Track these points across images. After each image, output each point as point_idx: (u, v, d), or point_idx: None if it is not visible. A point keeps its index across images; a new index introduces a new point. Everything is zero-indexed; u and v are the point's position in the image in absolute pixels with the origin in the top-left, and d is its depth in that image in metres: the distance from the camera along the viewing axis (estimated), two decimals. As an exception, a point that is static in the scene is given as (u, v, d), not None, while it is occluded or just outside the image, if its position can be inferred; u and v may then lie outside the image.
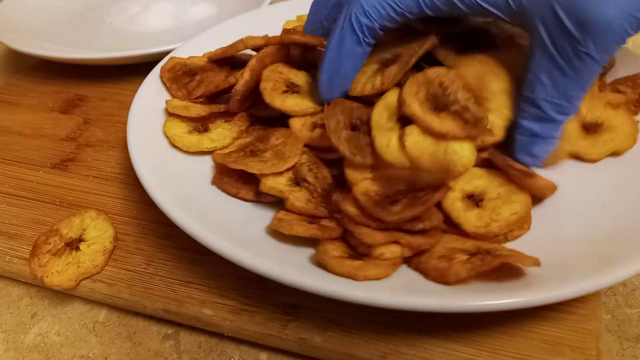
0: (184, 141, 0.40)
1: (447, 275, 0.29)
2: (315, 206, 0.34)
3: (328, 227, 0.32)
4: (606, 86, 0.44)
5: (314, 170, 0.36)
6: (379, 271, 0.29)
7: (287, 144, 0.37)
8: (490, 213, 0.32)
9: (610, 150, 0.39)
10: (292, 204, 0.33)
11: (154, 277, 0.35)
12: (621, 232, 0.32)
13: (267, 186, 0.34)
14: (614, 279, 0.28)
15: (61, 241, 0.37)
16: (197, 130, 0.41)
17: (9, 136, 0.50)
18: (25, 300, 0.37)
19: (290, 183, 0.35)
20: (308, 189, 0.35)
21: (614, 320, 0.34)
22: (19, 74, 0.60)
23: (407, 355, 0.30)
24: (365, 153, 0.33)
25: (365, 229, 0.30)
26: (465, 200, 0.33)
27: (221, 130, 0.41)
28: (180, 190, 0.36)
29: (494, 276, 0.29)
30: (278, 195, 0.34)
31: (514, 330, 0.31)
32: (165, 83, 0.46)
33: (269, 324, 0.32)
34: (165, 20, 0.68)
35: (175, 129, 0.41)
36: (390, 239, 0.30)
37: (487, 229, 0.32)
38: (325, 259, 0.30)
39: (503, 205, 0.33)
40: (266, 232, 0.34)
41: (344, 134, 0.34)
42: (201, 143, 0.40)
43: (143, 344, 0.34)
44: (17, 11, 0.67)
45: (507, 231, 0.32)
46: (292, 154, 0.36)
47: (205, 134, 0.41)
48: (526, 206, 0.33)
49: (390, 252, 0.30)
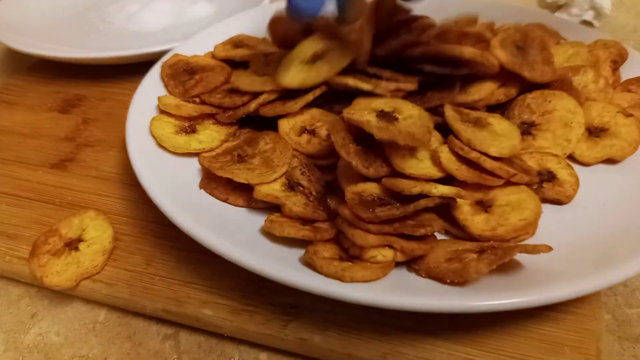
0: (171, 142, 0.39)
1: (467, 274, 0.28)
2: (313, 210, 0.34)
3: (320, 229, 0.32)
4: (619, 83, 0.44)
5: (307, 173, 0.36)
6: (366, 273, 0.29)
7: (275, 150, 0.37)
8: (499, 218, 0.33)
9: (606, 156, 0.39)
10: (290, 210, 0.33)
11: (153, 277, 0.35)
12: (621, 232, 0.32)
13: (262, 193, 0.34)
14: (614, 279, 0.28)
15: (61, 241, 0.37)
16: (185, 131, 0.41)
17: (8, 136, 0.50)
18: (25, 300, 0.37)
19: (285, 188, 0.35)
20: (303, 193, 0.35)
21: (614, 320, 0.34)
22: (19, 74, 0.60)
23: (407, 355, 0.30)
24: (377, 165, 0.33)
25: (357, 231, 0.30)
26: (474, 205, 0.34)
27: (209, 132, 0.41)
28: (180, 190, 0.36)
29: (494, 276, 0.29)
30: (274, 201, 0.34)
31: (514, 330, 0.31)
32: (164, 79, 0.46)
33: (268, 324, 0.32)
34: (164, 19, 0.68)
35: (163, 129, 0.40)
36: (384, 243, 0.30)
37: (493, 232, 0.32)
38: (313, 258, 0.30)
39: (512, 211, 0.33)
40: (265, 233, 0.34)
41: (352, 149, 0.34)
42: (189, 144, 0.39)
43: (143, 344, 0.34)
44: (17, 11, 0.67)
45: (515, 236, 0.32)
46: (280, 163, 0.36)
47: (193, 135, 0.40)
48: (535, 213, 0.33)
49: (382, 255, 0.30)
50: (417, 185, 0.31)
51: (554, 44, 0.48)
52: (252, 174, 0.35)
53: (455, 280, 0.29)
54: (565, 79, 0.40)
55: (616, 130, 0.39)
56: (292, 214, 0.33)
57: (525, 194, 0.34)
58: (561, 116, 0.39)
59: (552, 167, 0.37)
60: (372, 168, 0.33)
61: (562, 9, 0.69)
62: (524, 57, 0.40)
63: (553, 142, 0.38)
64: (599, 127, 0.39)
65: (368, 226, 0.30)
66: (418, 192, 0.31)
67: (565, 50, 0.46)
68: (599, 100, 0.41)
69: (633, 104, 0.42)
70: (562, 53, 0.46)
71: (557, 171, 0.36)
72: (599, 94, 0.42)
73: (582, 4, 0.67)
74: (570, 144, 0.38)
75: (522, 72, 0.39)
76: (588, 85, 0.42)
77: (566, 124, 0.38)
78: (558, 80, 0.40)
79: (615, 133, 0.39)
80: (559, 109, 0.39)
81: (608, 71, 0.44)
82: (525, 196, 0.34)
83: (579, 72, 0.42)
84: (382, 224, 0.30)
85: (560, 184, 0.36)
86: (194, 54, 0.50)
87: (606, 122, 0.40)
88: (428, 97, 0.39)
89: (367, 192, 0.32)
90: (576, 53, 0.45)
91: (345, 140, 0.34)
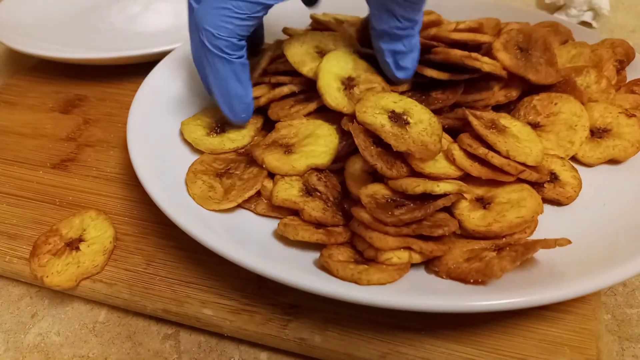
0: (206, 144, 0.40)
1: (491, 272, 0.28)
2: (332, 215, 0.34)
3: (334, 232, 0.32)
4: (624, 84, 0.44)
5: (323, 179, 0.36)
6: (382, 276, 0.29)
7: (246, 182, 0.36)
8: (496, 215, 0.33)
9: (609, 157, 0.39)
10: (309, 214, 0.33)
11: (154, 277, 0.35)
12: (621, 232, 0.32)
13: (280, 199, 0.34)
14: (614, 279, 0.28)
15: (61, 241, 0.37)
16: (215, 131, 0.41)
17: (9, 136, 0.50)
18: (25, 300, 0.37)
19: (302, 193, 0.35)
20: (321, 198, 0.35)
21: (614, 320, 0.34)
22: (19, 74, 0.60)
23: (407, 355, 0.30)
24: (398, 166, 0.34)
25: (375, 233, 0.30)
26: (472, 201, 0.34)
27: (238, 130, 0.41)
28: (180, 190, 0.36)
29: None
30: (292, 207, 0.34)
31: (514, 330, 0.31)
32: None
33: (268, 324, 0.32)
34: (165, 20, 0.68)
35: (195, 132, 0.41)
36: (403, 245, 0.30)
37: (488, 228, 0.32)
38: (328, 262, 0.30)
39: (511, 209, 0.33)
40: (270, 234, 0.34)
41: (374, 151, 0.34)
42: (223, 144, 0.40)
43: (143, 344, 0.34)
44: (17, 11, 0.67)
45: (509, 233, 0.32)
46: (232, 198, 0.35)
47: (224, 135, 0.41)
48: (533, 212, 0.33)
49: (397, 257, 0.30)
50: (420, 184, 0.31)
51: (560, 43, 0.47)
52: (203, 192, 0.36)
53: (478, 279, 0.29)
54: (569, 80, 0.41)
55: (619, 130, 0.39)
56: (311, 218, 0.33)
57: (527, 193, 0.34)
58: (566, 119, 0.39)
59: (556, 169, 0.37)
60: (395, 169, 0.34)
61: (561, 9, 0.69)
62: (528, 59, 0.40)
63: (556, 144, 0.39)
64: (601, 127, 0.39)
65: (386, 228, 0.30)
66: (421, 192, 0.31)
67: (569, 50, 0.46)
68: (600, 101, 0.41)
69: (635, 105, 0.41)
70: (566, 53, 0.46)
71: (560, 172, 0.37)
72: (600, 95, 0.42)
73: (580, 4, 0.67)
74: (574, 146, 0.38)
75: (527, 74, 0.39)
76: (590, 86, 0.42)
77: (571, 126, 0.39)
78: (562, 81, 0.40)
79: (618, 134, 0.39)
80: (564, 111, 0.39)
81: (612, 71, 0.44)
82: (526, 195, 0.34)
83: (582, 73, 0.42)
84: (400, 226, 0.30)
85: (562, 185, 0.36)
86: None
87: (608, 123, 0.40)
88: (432, 99, 0.39)
89: (379, 194, 0.33)
90: (579, 53, 0.45)
91: (366, 143, 0.34)
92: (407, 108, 0.37)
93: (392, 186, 0.33)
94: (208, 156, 0.39)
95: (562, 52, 0.46)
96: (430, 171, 0.34)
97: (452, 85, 0.40)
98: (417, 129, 0.35)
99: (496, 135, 0.35)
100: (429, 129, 0.36)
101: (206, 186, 0.36)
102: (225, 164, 0.38)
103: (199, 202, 0.35)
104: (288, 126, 0.39)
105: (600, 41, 0.47)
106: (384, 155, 0.34)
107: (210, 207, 0.35)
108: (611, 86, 0.42)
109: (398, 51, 0.38)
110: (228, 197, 0.35)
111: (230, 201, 0.35)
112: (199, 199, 0.35)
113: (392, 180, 0.33)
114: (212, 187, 0.36)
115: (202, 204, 0.35)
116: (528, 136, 0.37)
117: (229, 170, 0.38)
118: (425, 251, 0.30)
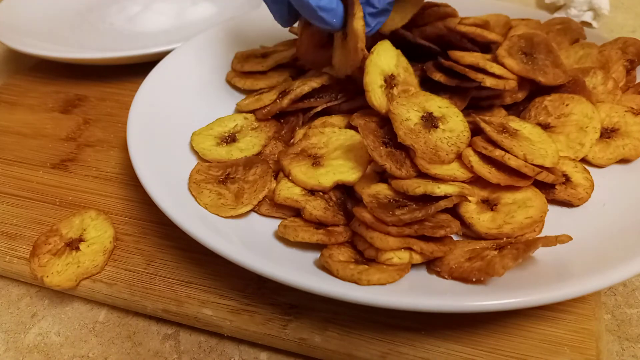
0: (213, 154, 0.40)
1: (493, 270, 0.28)
2: (333, 214, 0.34)
3: (335, 232, 0.32)
4: (632, 85, 0.44)
5: None
6: (383, 276, 0.29)
7: (254, 185, 0.36)
8: (505, 216, 0.33)
9: (620, 156, 0.38)
10: (310, 213, 0.33)
11: (154, 277, 0.35)
12: (621, 232, 0.32)
13: (282, 197, 0.34)
14: (614, 279, 0.28)
15: (61, 241, 0.37)
16: (225, 141, 0.41)
17: (9, 136, 0.50)
18: (25, 300, 0.37)
19: (304, 192, 0.35)
20: (323, 198, 0.35)
21: (614, 320, 0.34)
22: (19, 74, 0.60)
23: (407, 355, 0.30)
24: (407, 167, 0.34)
25: (376, 233, 0.30)
26: (479, 204, 0.34)
27: (249, 139, 0.41)
28: (180, 191, 0.36)
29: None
30: (294, 205, 0.34)
31: (514, 330, 0.31)
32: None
33: (268, 324, 0.32)
34: (164, 20, 0.68)
35: (204, 142, 0.41)
36: (403, 245, 0.30)
37: (500, 230, 0.32)
38: (329, 262, 0.30)
39: (518, 209, 0.33)
40: (270, 234, 0.34)
41: (383, 151, 0.34)
42: (230, 154, 0.40)
43: (143, 344, 0.34)
44: (17, 11, 0.67)
45: (520, 234, 0.32)
46: (246, 202, 0.35)
47: (234, 145, 0.41)
48: (541, 211, 0.33)
49: (398, 258, 0.30)
50: (421, 185, 0.31)
51: (571, 41, 0.47)
52: (214, 201, 0.35)
53: (481, 277, 0.29)
54: (578, 80, 0.40)
55: (627, 129, 0.39)
56: (312, 217, 0.33)
57: (531, 192, 0.34)
58: (577, 120, 0.39)
59: (568, 170, 0.37)
60: (404, 169, 0.34)
61: (561, 9, 0.69)
62: (534, 62, 0.40)
63: (566, 145, 0.38)
64: (609, 127, 0.39)
65: (388, 229, 0.30)
66: (422, 193, 0.31)
67: (576, 51, 0.45)
68: (607, 102, 0.41)
69: None
70: (573, 54, 0.45)
71: (572, 174, 0.36)
72: (607, 96, 0.42)
73: (580, 4, 0.67)
74: (584, 147, 0.38)
75: (537, 77, 0.39)
76: (597, 87, 0.42)
77: (581, 128, 0.38)
78: (571, 81, 0.40)
79: (627, 132, 0.39)
80: (575, 112, 0.39)
81: (621, 72, 0.44)
82: (530, 194, 0.34)
83: (588, 74, 0.42)
84: (402, 226, 0.30)
85: (573, 186, 0.36)
86: (195, 55, 0.50)
87: (616, 122, 0.39)
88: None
89: (382, 194, 0.33)
90: (587, 54, 0.45)
91: (375, 144, 0.34)
92: (447, 115, 0.37)
93: (394, 186, 0.33)
94: (202, 164, 0.39)
95: (570, 53, 0.45)
96: (435, 172, 0.34)
97: (460, 91, 0.40)
98: (439, 135, 0.35)
99: (510, 140, 0.35)
100: (454, 139, 0.35)
101: (214, 194, 0.36)
102: (222, 170, 0.38)
103: (213, 211, 0.35)
104: (319, 134, 0.39)
105: (613, 40, 0.47)
106: (392, 155, 0.34)
107: (227, 214, 0.34)
108: (618, 87, 0.42)
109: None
110: (242, 201, 0.35)
111: (246, 205, 0.35)
112: (212, 207, 0.35)
113: (394, 181, 0.33)
114: (220, 195, 0.36)
115: (217, 212, 0.35)
116: (540, 137, 0.37)
117: (229, 175, 0.38)
118: (426, 252, 0.30)
